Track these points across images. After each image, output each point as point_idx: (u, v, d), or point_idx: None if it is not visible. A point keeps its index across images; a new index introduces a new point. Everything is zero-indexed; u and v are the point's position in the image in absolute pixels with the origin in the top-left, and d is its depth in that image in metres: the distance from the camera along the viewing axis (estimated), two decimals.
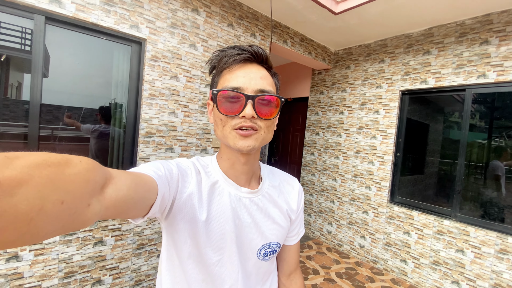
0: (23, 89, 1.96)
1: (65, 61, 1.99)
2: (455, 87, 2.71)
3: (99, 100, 2.17)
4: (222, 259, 0.63)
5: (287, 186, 0.77)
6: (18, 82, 2.03)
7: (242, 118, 0.56)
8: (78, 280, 2.02)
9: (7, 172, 0.22)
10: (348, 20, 2.93)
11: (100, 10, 1.95)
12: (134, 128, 2.20)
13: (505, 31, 2.43)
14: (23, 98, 1.93)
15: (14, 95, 1.97)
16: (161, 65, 2.25)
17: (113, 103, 2.19)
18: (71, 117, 2.05)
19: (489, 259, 2.42)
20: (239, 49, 0.58)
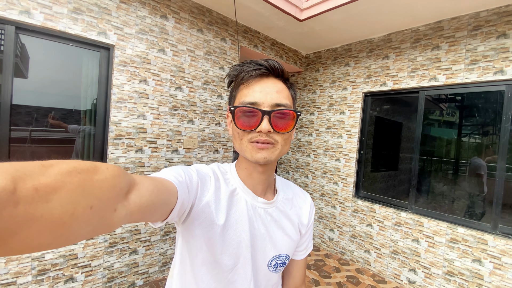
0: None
1: (38, 66, 2.06)
2: (410, 89, 2.93)
3: (71, 102, 2.25)
4: (237, 266, 0.64)
5: (300, 200, 0.79)
6: None
7: (258, 132, 0.58)
8: (51, 277, 2.11)
9: (43, 179, 0.24)
10: (314, 26, 3.10)
11: (67, 19, 2.04)
12: (103, 130, 2.30)
13: (454, 37, 2.65)
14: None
15: None
16: (130, 70, 2.35)
17: (94, 103, 2.29)
18: (55, 119, 2.13)
19: (441, 247, 2.64)
20: (256, 64, 0.60)
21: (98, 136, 2.28)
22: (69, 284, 2.18)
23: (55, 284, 2.12)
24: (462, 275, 2.49)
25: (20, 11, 1.88)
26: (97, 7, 2.15)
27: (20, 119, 2.03)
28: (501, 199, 2.37)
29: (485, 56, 2.44)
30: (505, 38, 2.34)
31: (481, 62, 2.46)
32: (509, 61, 2.31)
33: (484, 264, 2.37)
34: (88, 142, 2.28)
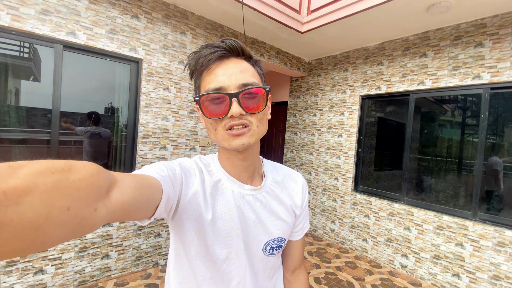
0: (20, 95, 2.37)
1: (79, 78, 2.49)
2: (402, 92, 3.26)
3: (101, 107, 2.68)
4: (230, 256, 0.63)
5: (291, 181, 0.77)
6: (16, 88, 2.40)
7: (230, 117, 0.55)
8: (90, 254, 2.51)
9: (12, 181, 0.23)
10: (314, 37, 3.46)
11: (105, 38, 2.46)
12: (134, 131, 2.71)
13: (439, 45, 2.97)
14: (21, 104, 2.36)
15: (13, 101, 2.36)
16: (155, 79, 2.77)
17: (110, 106, 2.70)
18: (67, 122, 2.49)
19: (429, 234, 2.94)
20: (212, 47, 0.56)
21: (129, 135, 2.69)
22: (105, 260, 2.59)
23: (93, 260, 2.53)
24: (447, 258, 2.78)
25: (67, 32, 2.31)
26: (128, 28, 2.57)
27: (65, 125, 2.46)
28: (479, 190, 2.67)
29: (465, 62, 2.75)
30: (481, 47, 2.65)
31: (462, 68, 2.77)
32: (486, 67, 2.62)
33: (465, 247, 2.66)
34: (121, 141, 2.70)
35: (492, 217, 2.61)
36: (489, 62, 2.62)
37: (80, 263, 2.44)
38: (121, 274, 2.67)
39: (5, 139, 2.28)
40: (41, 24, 2.17)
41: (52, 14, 2.21)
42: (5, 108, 2.26)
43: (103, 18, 2.43)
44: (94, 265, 2.52)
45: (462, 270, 2.68)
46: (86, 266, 2.48)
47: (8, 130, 2.28)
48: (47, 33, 2.20)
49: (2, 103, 2.24)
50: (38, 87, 2.42)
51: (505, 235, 2.45)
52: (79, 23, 2.33)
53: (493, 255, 2.51)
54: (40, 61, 2.36)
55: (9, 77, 2.32)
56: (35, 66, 2.40)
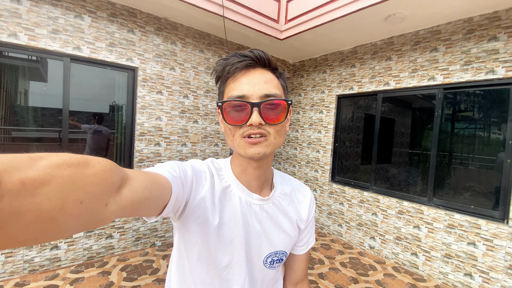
0: (29, 95, 2.73)
1: (86, 83, 2.93)
2: (371, 92, 3.61)
3: (105, 108, 3.13)
4: (231, 264, 0.64)
5: (299, 194, 0.77)
6: (25, 89, 2.73)
7: (250, 126, 0.56)
8: (96, 234, 2.97)
9: (31, 172, 0.24)
10: (293, 43, 3.83)
11: (106, 51, 2.89)
12: (131, 129, 3.15)
13: (401, 50, 3.31)
14: (30, 104, 2.74)
15: (22, 102, 2.73)
16: (149, 84, 3.19)
17: (114, 105, 3.14)
18: (74, 120, 2.90)
19: (392, 218, 3.32)
20: (241, 56, 0.57)
21: (128, 133, 3.13)
22: (109, 240, 3.04)
23: (99, 239, 2.99)
24: (406, 239, 3.16)
25: (73, 47, 2.74)
26: (125, 41, 3.00)
27: (72, 122, 2.90)
28: (434, 178, 3.03)
29: (422, 65, 3.09)
30: (436, 52, 2.98)
31: (420, 71, 3.11)
32: (439, 70, 2.96)
33: (421, 229, 3.04)
34: (121, 138, 3.14)
35: (444, 202, 2.96)
36: (442, 65, 2.95)
37: (88, 242, 2.91)
38: (123, 252, 3.13)
39: (22, 138, 2.74)
40: (52, 41, 2.61)
41: (61, 33, 2.64)
42: (19, 108, 2.71)
43: (103, 33, 2.86)
44: (99, 243, 2.98)
45: (419, 249, 3.05)
46: (93, 244, 2.94)
47: (24, 129, 2.73)
48: (57, 48, 2.64)
49: (13, 103, 2.68)
50: (46, 89, 2.81)
51: (454, 218, 2.81)
52: (83, 39, 2.76)
53: (445, 236, 2.88)
54: (47, 63, 2.75)
55: (19, 79, 2.70)
56: (43, 67, 2.79)
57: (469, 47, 2.76)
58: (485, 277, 2.56)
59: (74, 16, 2.69)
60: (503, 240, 2.47)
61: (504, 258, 2.45)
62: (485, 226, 2.58)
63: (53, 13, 2.60)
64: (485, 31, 2.67)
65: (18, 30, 2.45)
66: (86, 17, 2.76)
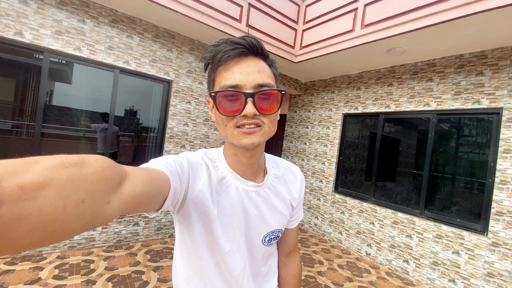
0: (54, 95, 3.14)
1: (130, 93, 3.48)
2: (373, 113, 4.04)
3: (142, 114, 3.67)
4: (232, 249, 0.67)
5: (290, 175, 0.80)
6: (50, 89, 3.09)
7: (244, 116, 0.56)
8: (126, 221, 3.43)
9: (28, 176, 0.24)
10: (306, 66, 4.34)
11: (148, 66, 3.45)
12: (163, 132, 3.66)
13: (401, 78, 3.76)
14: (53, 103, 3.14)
15: (48, 101, 3.08)
16: (181, 95, 3.72)
17: (131, 109, 3.68)
18: (85, 121, 3.29)
19: (387, 228, 3.66)
20: (233, 43, 0.56)
21: (159, 136, 3.65)
22: (135, 227, 3.50)
23: (127, 225, 3.44)
24: (399, 247, 3.49)
25: (123, 61, 3.31)
26: (164, 58, 3.56)
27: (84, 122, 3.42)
28: (425, 193, 3.39)
29: (419, 92, 3.52)
30: (431, 82, 3.42)
31: (416, 97, 3.54)
32: (433, 97, 3.38)
33: (413, 238, 3.37)
34: (154, 140, 3.66)
35: (434, 214, 3.31)
36: (435, 94, 3.38)
37: (118, 227, 3.37)
38: (146, 239, 3.57)
39: (74, 136, 3.28)
40: (107, 56, 3.18)
41: (115, 49, 3.22)
42: (45, 107, 3.26)
43: (147, 51, 3.43)
44: (127, 229, 3.44)
45: (410, 257, 3.37)
46: (122, 229, 3.40)
47: (77, 129, 3.27)
48: (111, 62, 3.21)
49: (42, 101, 3.22)
50: (68, 89, 3.23)
51: (442, 229, 3.15)
52: (131, 55, 3.34)
53: (433, 245, 3.20)
54: (73, 67, 3.17)
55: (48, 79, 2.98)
56: (69, 69, 3.20)
57: (459, 80, 3.19)
58: (466, 283, 2.86)
59: (126, 36, 3.28)
60: (482, 250, 2.79)
61: (483, 266, 2.77)
62: (468, 237, 2.91)
63: (110, 33, 3.19)
64: (473, 67, 3.10)
65: (82, 45, 3.04)
66: (136, 37, 3.34)
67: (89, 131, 3.37)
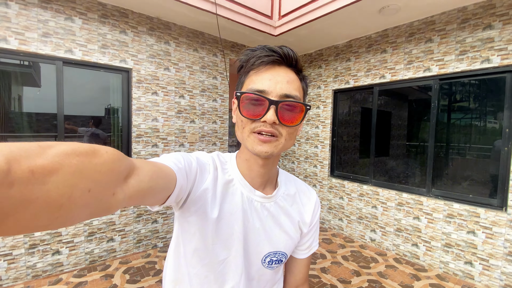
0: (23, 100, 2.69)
1: (79, 87, 2.90)
2: (367, 85, 3.61)
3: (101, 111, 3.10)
4: (228, 258, 0.64)
5: (304, 197, 0.75)
6: (18, 95, 2.69)
7: (263, 122, 0.55)
8: (97, 238, 2.96)
9: (40, 161, 0.24)
10: (287, 39, 3.81)
11: (98, 53, 2.85)
12: (128, 132, 3.12)
13: (396, 42, 3.30)
14: (24, 110, 2.68)
15: (16, 108, 2.68)
16: (144, 86, 3.16)
17: (107, 108, 3.12)
18: (70, 124, 2.87)
19: (391, 210, 3.34)
20: (269, 50, 0.56)
21: (124, 135, 3.11)
22: (110, 243, 3.04)
23: (100, 242, 2.98)
24: (407, 230, 3.18)
25: (65, 50, 2.70)
26: (118, 42, 2.96)
27: (68, 126, 2.87)
28: (432, 169, 3.04)
29: (418, 57, 3.09)
30: (431, 42, 2.98)
31: (415, 62, 3.11)
32: (434, 60, 2.96)
33: (421, 220, 3.06)
34: (118, 140, 3.12)
35: (443, 192, 2.98)
36: (437, 56, 2.95)
37: (89, 246, 2.90)
38: (125, 254, 3.13)
39: None
40: (43, 45, 2.57)
41: (52, 36, 2.60)
42: (13, 114, 2.67)
43: (95, 35, 2.82)
44: (101, 247, 2.97)
45: (420, 240, 3.08)
46: (95, 248, 2.93)
47: (19, 136, 2.70)
48: (48, 52, 2.60)
49: (7, 109, 2.64)
50: (40, 93, 2.76)
51: (453, 207, 2.83)
52: (75, 42, 2.72)
53: (444, 226, 2.90)
54: (40, 67, 2.70)
55: (12, 84, 2.65)
56: (35, 72, 2.74)
57: (464, 37, 2.76)
58: (485, 265, 2.58)
59: (64, 18, 2.65)
60: (502, 228, 2.49)
61: (504, 245, 2.48)
62: (484, 214, 2.60)
63: (43, 16, 2.55)
64: (479, 20, 2.66)
65: (8, 34, 2.41)
66: (77, 19, 2.72)
67: (71, 136, 2.88)
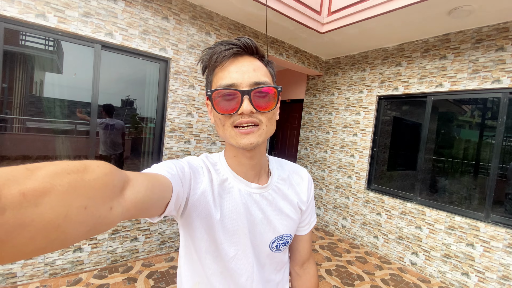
0: (45, 86, 2.52)
1: (115, 74, 2.71)
2: (419, 94, 3.30)
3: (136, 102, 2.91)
4: (237, 254, 0.65)
5: (296, 177, 0.77)
6: (40, 80, 2.53)
7: (241, 114, 0.55)
8: (121, 236, 2.76)
9: (30, 183, 0.23)
10: (333, 37, 3.54)
11: (139, 39, 2.66)
12: (161, 125, 2.92)
13: (459, 48, 2.99)
14: (45, 95, 2.52)
15: (38, 92, 2.52)
16: (182, 78, 2.95)
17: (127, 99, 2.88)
18: (82, 112, 2.61)
19: (440, 234, 3.02)
20: (227, 44, 0.56)
21: (157, 129, 2.91)
22: (134, 243, 2.83)
23: (124, 241, 2.78)
24: (457, 257, 2.86)
25: (105, 33, 2.51)
26: (159, 29, 2.76)
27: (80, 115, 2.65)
28: (493, 192, 2.72)
29: (485, 66, 2.77)
30: (502, 51, 2.66)
31: (481, 72, 2.79)
32: (506, 71, 2.64)
33: (476, 248, 2.73)
34: (150, 134, 2.92)
35: (504, 219, 2.65)
36: (509, 67, 2.63)
37: (112, 244, 2.70)
38: (148, 256, 2.92)
39: (49, 129, 2.54)
40: (83, 25, 2.38)
41: (93, 16, 2.42)
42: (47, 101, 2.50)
43: (137, 19, 2.63)
44: (124, 246, 2.77)
45: (472, 269, 2.75)
46: (118, 247, 2.73)
47: (53, 121, 2.53)
48: (88, 33, 2.42)
49: (32, 93, 2.45)
50: (60, 79, 2.57)
51: None
52: (116, 25, 2.53)
53: (503, 256, 2.57)
54: (63, 54, 2.52)
55: (35, 69, 2.48)
56: (58, 58, 2.55)
57: None
58: None
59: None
60: None
61: None
62: None
63: None
64: None
65: (47, 10, 2.23)
66: (120, 1, 2.53)
67: (82, 123, 2.64)
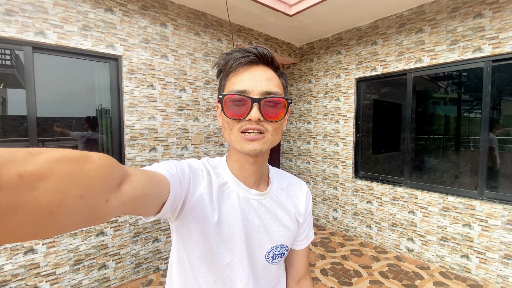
0: (8, 104, 2.22)
1: (53, 81, 2.31)
2: (398, 72, 3.11)
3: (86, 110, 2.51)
4: (233, 260, 0.64)
5: (295, 189, 0.78)
6: (2, 97, 2.24)
7: (248, 121, 0.56)
8: (86, 266, 2.40)
9: (29, 166, 0.23)
10: (303, 20, 3.28)
11: (78, 36, 2.27)
12: (119, 133, 2.55)
13: (435, 19, 2.81)
14: (9, 113, 2.22)
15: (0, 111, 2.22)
16: (137, 77, 2.59)
17: (99, 109, 2.53)
18: (59, 127, 2.36)
19: (434, 216, 2.87)
20: (244, 52, 0.58)
21: (115, 138, 2.53)
22: (102, 271, 2.48)
23: (90, 271, 2.42)
24: (454, 240, 2.72)
25: (35, 32, 2.11)
26: (103, 23, 2.38)
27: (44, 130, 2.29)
28: (485, 167, 2.58)
29: (464, 35, 2.60)
30: (481, 18, 2.49)
31: (460, 42, 2.62)
32: (486, 39, 2.48)
33: (473, 227, 2.59)
34: (107, 144, 2.54)
35: (500, 195, 2.52)
36: (490, 33, 2.47)
37: (76, 276, 2.33)
38: (121, 283, 2.57)
39: None
40: (6, 25, 1.97)
41: (17, 14, 2.01)
42: None
43: (73, 13, 2.23)
44: (91, 277, 2.41)
45: (471, 251, 2.62)
46: (83, 278, 2.37)
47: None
48: (13, 35, 2.01)
49: None
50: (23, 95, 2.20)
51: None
52: (47, 21, 2.13)
53: (503, 234, 2.44)
54: (23, 68, 2.16)
55: None
56: (18, 72, 2.20)
57: None
58: None
59: None
60: None
61: None
62: None
63: None
64: None
65: None
66: None
67: (64, 139, 2.37)
